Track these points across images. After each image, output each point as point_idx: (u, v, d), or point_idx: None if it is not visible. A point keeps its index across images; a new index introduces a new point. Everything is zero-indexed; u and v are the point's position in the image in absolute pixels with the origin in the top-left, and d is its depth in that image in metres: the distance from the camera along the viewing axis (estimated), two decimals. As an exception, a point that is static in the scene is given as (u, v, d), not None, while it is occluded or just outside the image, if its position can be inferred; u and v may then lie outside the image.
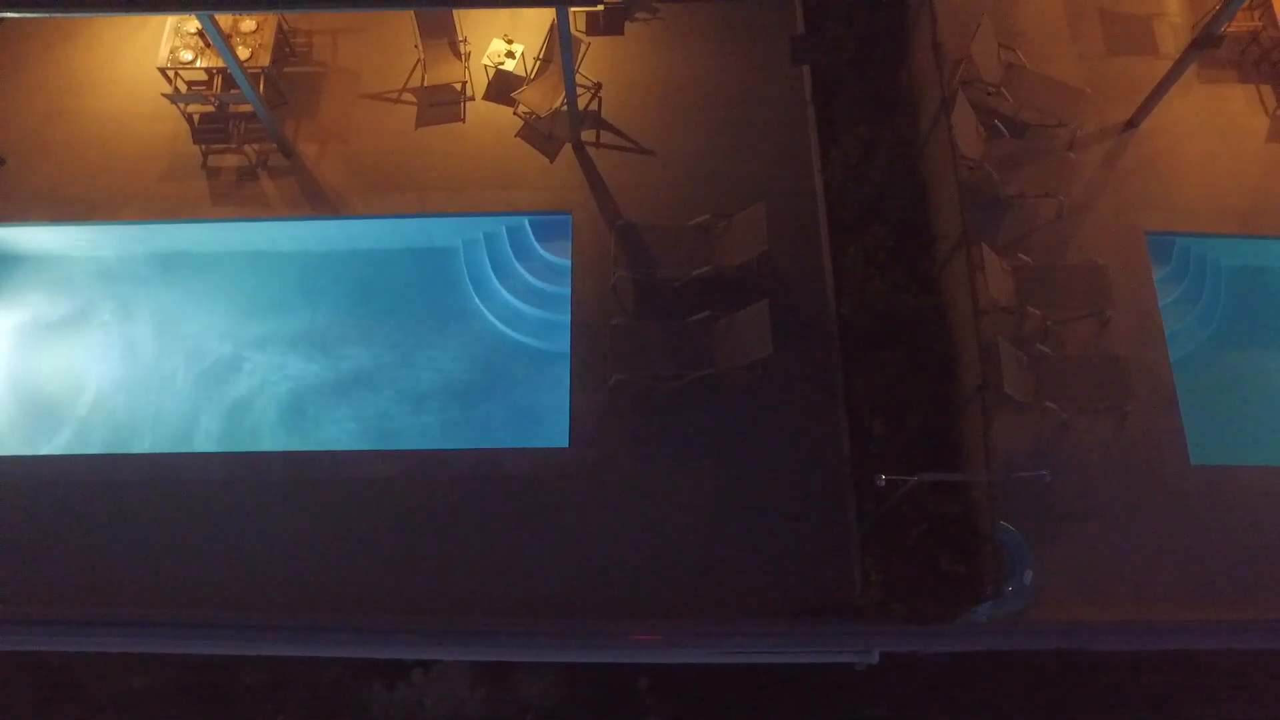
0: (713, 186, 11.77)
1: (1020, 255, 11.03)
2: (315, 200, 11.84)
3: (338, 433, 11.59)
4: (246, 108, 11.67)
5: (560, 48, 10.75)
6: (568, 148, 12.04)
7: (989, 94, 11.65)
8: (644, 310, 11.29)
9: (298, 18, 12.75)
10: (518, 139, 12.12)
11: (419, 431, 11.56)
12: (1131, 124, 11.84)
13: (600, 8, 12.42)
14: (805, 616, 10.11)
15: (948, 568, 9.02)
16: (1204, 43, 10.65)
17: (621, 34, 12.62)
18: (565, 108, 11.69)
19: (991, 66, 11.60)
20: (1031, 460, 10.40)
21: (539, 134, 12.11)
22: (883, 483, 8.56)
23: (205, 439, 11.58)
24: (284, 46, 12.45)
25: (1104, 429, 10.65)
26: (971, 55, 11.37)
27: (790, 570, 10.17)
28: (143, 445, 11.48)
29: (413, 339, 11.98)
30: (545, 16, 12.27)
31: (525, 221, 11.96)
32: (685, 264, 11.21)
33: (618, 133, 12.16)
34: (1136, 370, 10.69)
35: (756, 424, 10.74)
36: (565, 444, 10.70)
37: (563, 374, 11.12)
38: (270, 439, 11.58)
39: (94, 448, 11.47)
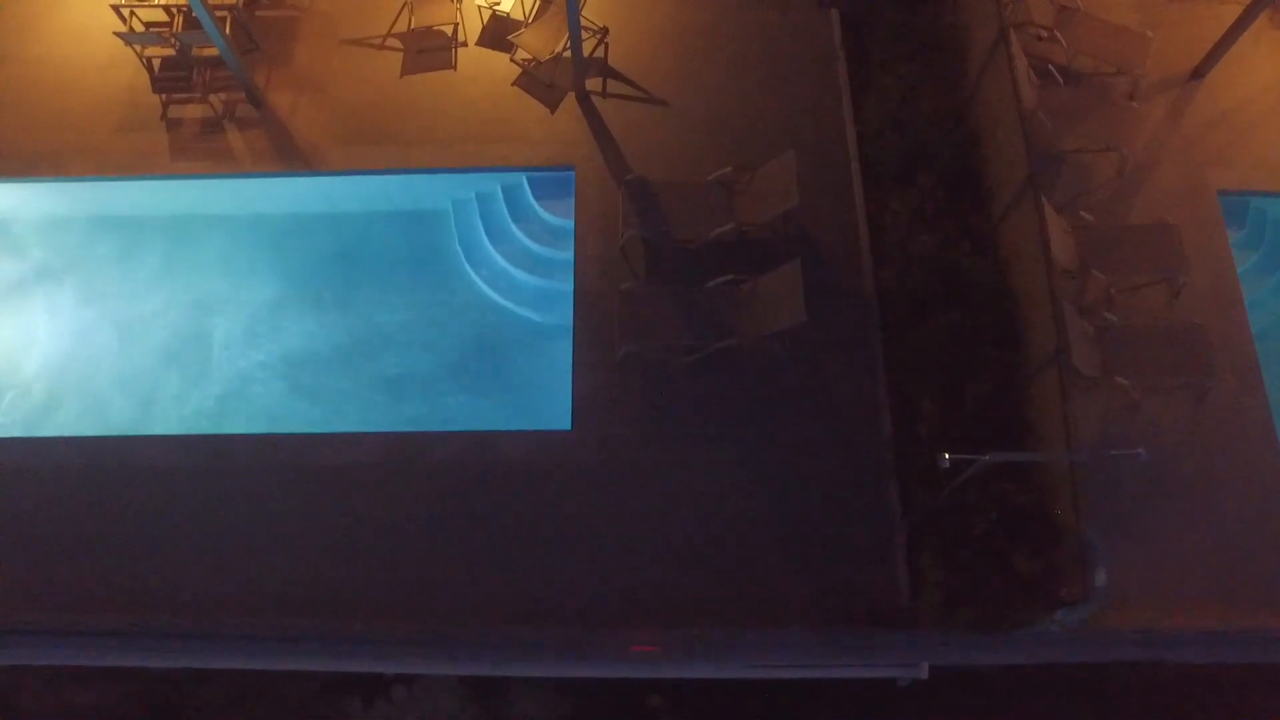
0: (733, 139, 10.03)
1: (1083, 214, 9.36)
2: (288, 155, 10.05)
3: (312, 414, 9.75)
4: (212, 52, 9.91)
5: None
6: (571, 98, 10.29)
7: (1041, 39, 9.91)
8: (656, 274, 9.54)
9: (272, -44, 11.11)
10: (515, 88, 10.36)
11: (403, 413, 9.75)
12: (1198, 74, 10.14)
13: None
14: (843, 625, 8.35)
15: (1022, 566, 7.36)
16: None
17: (631, -26, 11.02)
18: (568, 53, 9.94)
19: (1044, 8, 9.88)
20: (1098, 444, 8.72)
21: (539, 82, 10.34)
22: (946, 463, 6.88)
23: (161, 421, 9.70)
24: (256, -13, 10.80)
25: (1180, 408, 8.89)
26: (1024, -8, 9.78)
27: (825, 570, 8.43)
28: (89, 428, 9.60)
29: (396, 311, 10.17)
30: (546, -46, 10.65)
31: (523, 178, 10.20)
32: (703, 222, 9.47)
33: (626, 81, 10.39)
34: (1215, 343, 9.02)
35: (784, 402, 8.99)
36: (567, 426, 8.99)
37: (564, 348, 9.35)
38: (236, 420, 9.71)
39: (35, 431, 9.61)
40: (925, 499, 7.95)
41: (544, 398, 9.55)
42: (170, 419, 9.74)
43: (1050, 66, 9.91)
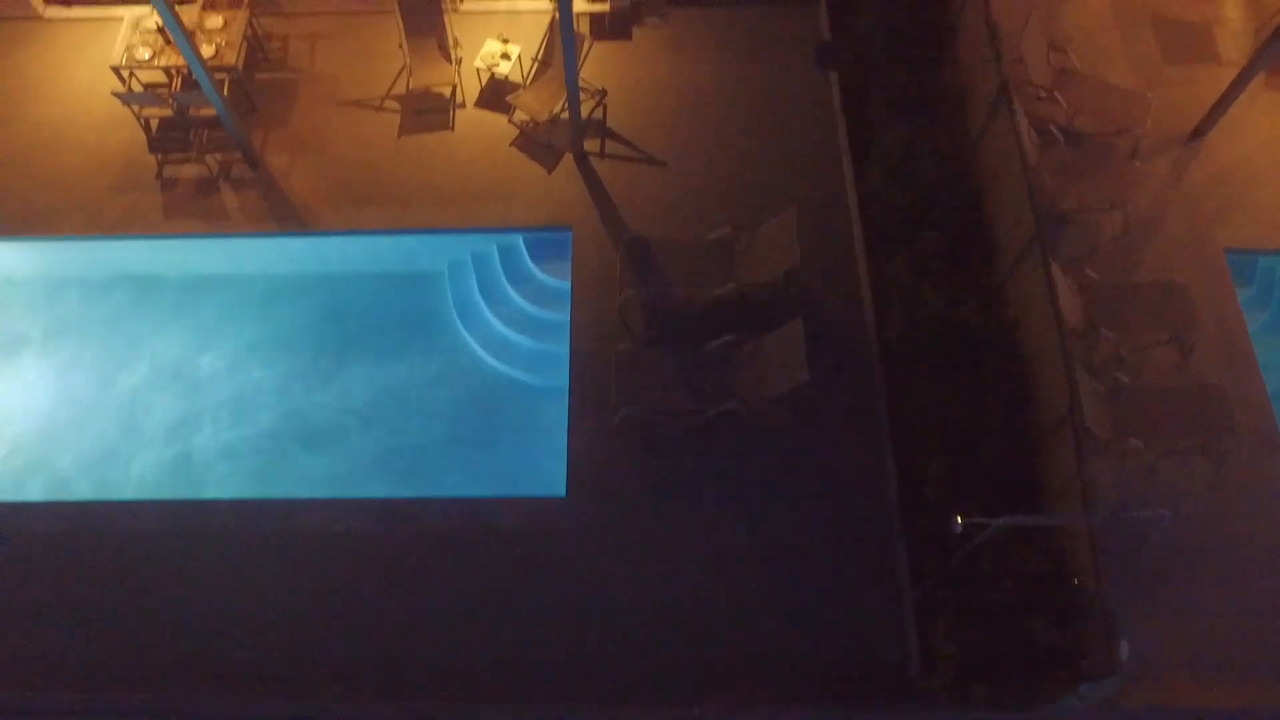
0: (733, 198, 9.82)
1: (1089, 272, 9.11)
2: (282, 214, 9.81)
3: (298, 479, 9.32)
4: (209, 112, 9.74)
5: (561, 44, 8.99)
6: (568, 158, 10.11)
7: (1040, 99, 9.80)
8: (655, 336, 9.21)
9: (272, 21, 10.95)
10: (512, 149, 10.18)
11: (392, 478, 9.30)
12: (1198, 133, 9.97)
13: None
14: (851, 703, 7.77)
15: (1042, 638, 6.87)
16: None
17: (629, 39, 10.85)
18: (566, 114, 9.86)
19: (1042, 69, 9.81)
20: (1117, 507, 8.30)
21: (536, 143, 10.17)
22: (959, 528, 6.50)
23: (141, 486, 9.29)
24: (256, 51, 10.63)
25: (1198, 471, 8.49)
26: (1021, 55, 9.67)
27: (831, 644, 7.90)
28: (65, 492, 9.21)
29: (387, 374, 9.82)
30: (545, 19, 10.57)
31: (519, 239, 9.94)
32: (703, 282, 9.20)
33: (625, 142, 10.23)
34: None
35: (787, 466, 8.59)
36: (562, 493, 8.54)
37: (559, 413, 8.98)
38: (218, 486, 9.29)
39: (8, 495, 9.10)
40: (936, 567, 7.50)
41: (538, 463, 9.13)
42: (150, 484, 9.30)
43: (1051, 126, 9.77)
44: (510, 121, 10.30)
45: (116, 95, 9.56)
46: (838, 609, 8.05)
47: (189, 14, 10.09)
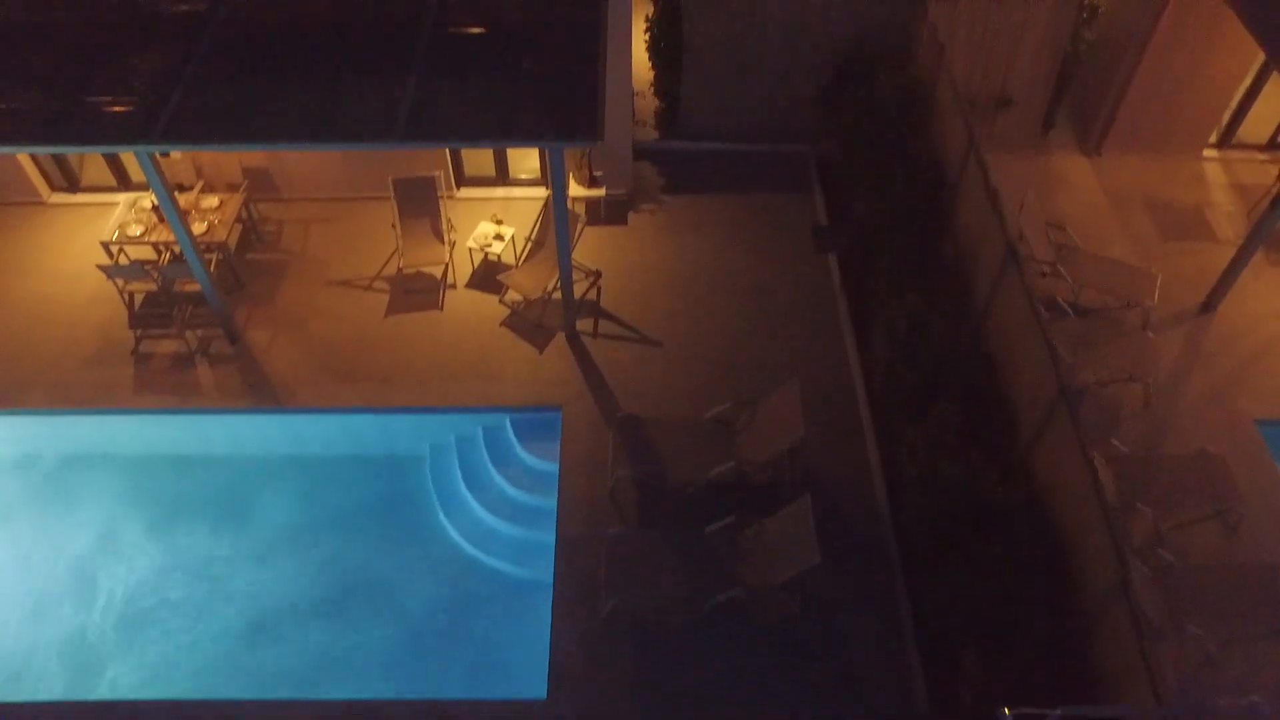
0: (731, 377, 9.34)
1: (1115, 444, 8.46)
2: (258, 391, 9.29)
3: (247, 678, 8.13)
4: (194, 288, 9.52)
5: (554, 219, 8.87)
6: (560, 338, 9.73)
7: (1043, 275, 9.62)
8: (649, 519, 8.39)
9: (269, 206, 10.99)
10: (502, 328, 9.83)
11: (352, 678, 8.13)
12: (1207, 307, 9.72)
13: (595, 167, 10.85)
14: None
15: None
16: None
17: (624, 224, 10.82)
18: (558, 294, 9.65)
19: (1042, 245, 9.67)
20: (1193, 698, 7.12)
21: (527, 323, 9.83)
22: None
23: (60, 685, 8.11)
24: (250, 233, 10.59)
25: (1266, 663, 7.44)
26: (1021, 233, 9.52)
27: None
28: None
29: (356, 564, 8.88)
30: (539, 204, 10.64)
31: (506, 420, 9.32)
32: (701, 462, 8.47)
33: (619, 322, 9.89)
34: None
35: (797, 665, 7.50)
36: (542, 695, 7.41)
37: (542, 605, 8.01)
38: (156, 685, 8.09)
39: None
40: (983, 776, 6.28)
41: (517, 661, 8.05)
42: (75, 684, 8.12)
43: (1058, 299, 9.51)
44: (501, 301, 10.04)
45: (101, 269, 9.34)
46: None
47: (187, 198, 10.16)
